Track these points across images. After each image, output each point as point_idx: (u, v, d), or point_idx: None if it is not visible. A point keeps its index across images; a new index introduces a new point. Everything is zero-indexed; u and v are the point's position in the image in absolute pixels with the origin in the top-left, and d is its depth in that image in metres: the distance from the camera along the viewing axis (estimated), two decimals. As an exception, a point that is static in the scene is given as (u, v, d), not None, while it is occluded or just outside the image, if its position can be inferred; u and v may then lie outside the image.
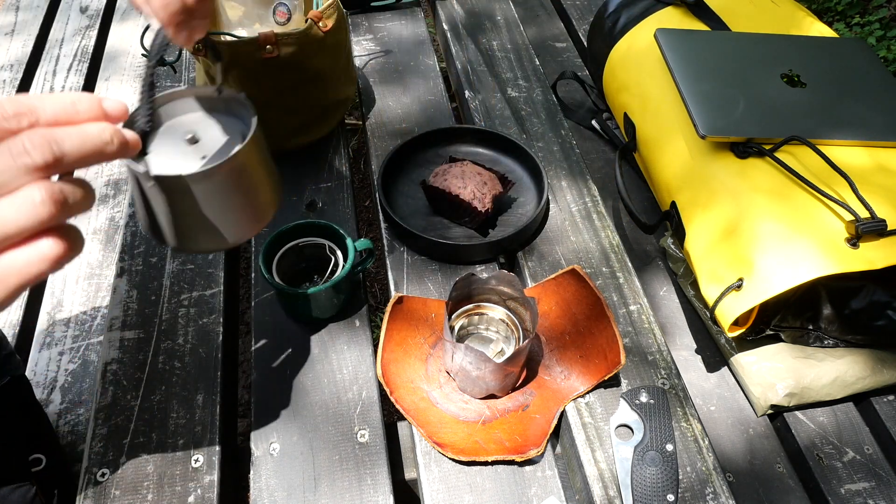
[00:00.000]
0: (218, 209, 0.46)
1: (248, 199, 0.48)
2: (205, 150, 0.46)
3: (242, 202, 0.47)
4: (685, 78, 0.74)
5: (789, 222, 0.62)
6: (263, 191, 0.49)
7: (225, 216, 0.47)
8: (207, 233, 0.47)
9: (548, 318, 0.68)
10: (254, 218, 0.49)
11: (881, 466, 0.63)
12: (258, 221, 0.49)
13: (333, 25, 0.77)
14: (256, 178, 0.48)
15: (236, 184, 0.46)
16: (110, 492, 0.57)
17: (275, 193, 0.51)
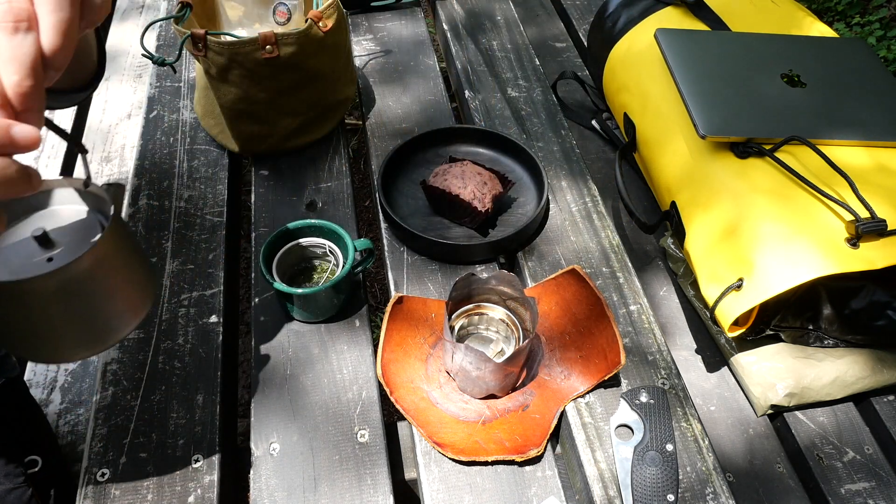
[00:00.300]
0: (58, 318, 0.41)
1: (96, 309, 0.42)
2: (54, 250, 0.42)
3: (87, 312, 0.42)
4: (685, 78, 0.74)
5: (789, 222, 0.62)
6: (121, 297, 0.44)
7: (66, 326, 0.42)
8: (55, 343, 0.42)
9: (548, 318, 0.68)
10: (104, 330, 0.43)
11: (881, 466, 0.63)
12: (111, 333, 0.44)
13: (333, 25, 0.77)
14: (110, 284, 0.43)
15: (80, 291, 0.41)
16: (110, 492, 0.57)
17: (138, 298, 0.45)
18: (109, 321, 0.44)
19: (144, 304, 0.46)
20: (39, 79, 0.32)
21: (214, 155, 0.86)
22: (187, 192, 0.81)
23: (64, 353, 0.44)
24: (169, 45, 1.05)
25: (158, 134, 0.89)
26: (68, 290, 0.41)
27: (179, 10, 0.75)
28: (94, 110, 1.10)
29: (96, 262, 0.41)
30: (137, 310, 0.46)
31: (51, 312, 0.41)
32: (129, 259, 0.44)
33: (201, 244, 0.76)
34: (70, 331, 0.43)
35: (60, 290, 0.40)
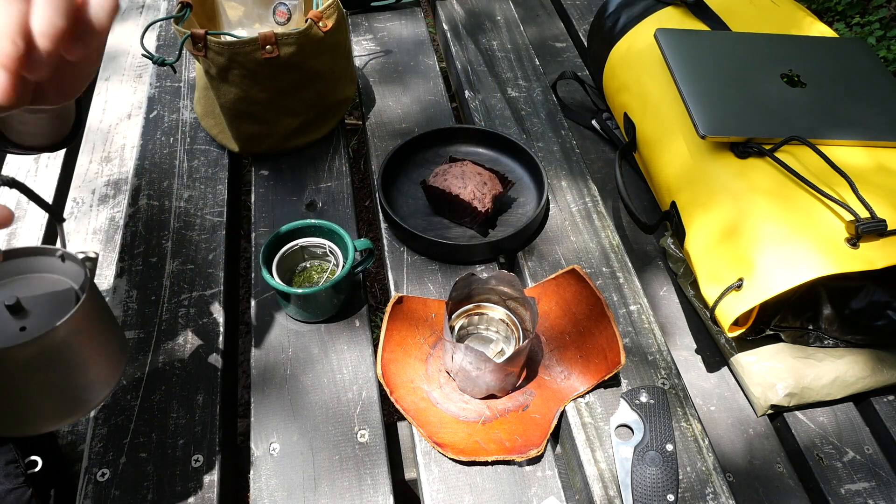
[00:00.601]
0: (27, 388, 0.40)
1: (68, 379, 0.41)
2: (27, 319, 0.41)
3: (59, 382, 0.41)
4: (685, 78, 0.74)
5: (789, 222, 0.62)
6: (93, 367, 0.43)
7: (36, 397, 0.41)
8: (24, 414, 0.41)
9: (548, 318, 0.68)
10: (74, 401, 0.42)
11: (881, 466, 0.63)
12: (81, 404, 0.43)
13: (333, 25, 0.77)
14: (82, 354, 0.42)
15: (53, 361, 0.40)
16: (110, 492, 0.57)
17: (110, 368, 0.44)
18: (81, 392, 0.43)
19: (115, 375, 0.45)
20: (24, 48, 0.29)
21: (214, 155, 0.86)
22: (187, 192, 0.81)
23: (31, 424, 0.42)
24: (169, 45, 1.05)
25: (158, 134, 0.89)
26: (41, 361, 0.40)
27: (179, 10, 0.75)
28: (94, 110, 1.10)
29: (70, 333, 0.40)
30: (109, 380, 0.45)
31: (20, 382, 0.40)
32: (103, 329, 0.44)
33: (201, 244, 0.76)
34: (39, 402, 0.42)
35: (32, 361, 0.39)
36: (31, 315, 0.41)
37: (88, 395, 0.43)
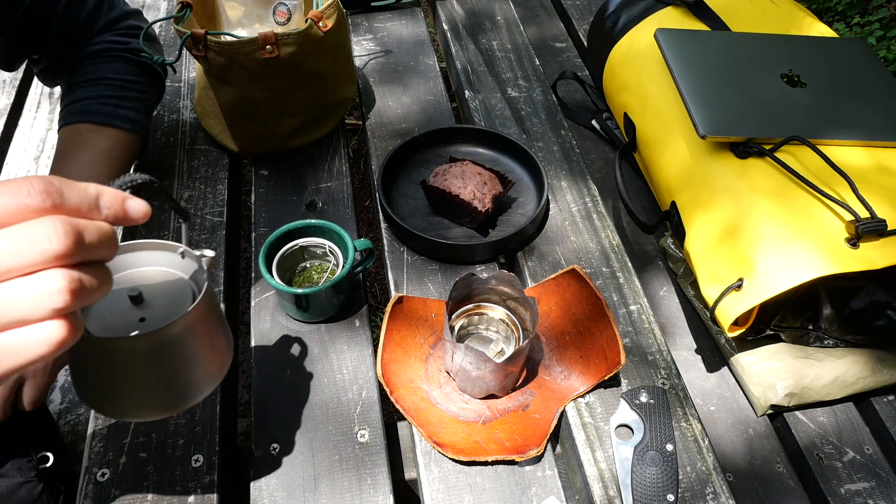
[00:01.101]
0: (140, 378, 0.42)
1: (178, 374, 0.43)
2: (146, 311, 0.43)
3: (170, 375, 0.43)
4: (685, 78, 0.74)
5: (789, 222, 0.62)
6: (202, 364, 0.45)
7: (154, 386, 0.43)
8: (133, 402, 0.43)
9: (548, 318, 0.68)
10: (180, 395, 0.45)
11: (881, 466, 0.63)
12: (186, 398, 0.45)
13: (333, 25, 0.77)
14: (194, 350, 0.44)
15: (167, 355, 0.42)
16: (110, 492, 0.57)
17: (216, 366, 0.47)
18: (187, 387, 0.45)
19: (220, 373, 0.47)
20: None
21: (214, 155, 0.86)
22: (187, 192, 0.81)
23: (138, 411, 0.44)
24: (169, 45, 1.05)
25: (158, 134, 0.89)
26: (156, 353, 0.42)
27: (179, 10, 0.75)
28: (94, 110, 1.10)
29: (187, 328, 0.42)
30: (214, 378, 0.47)
31: (135, 372, 0.42)
32: (214, 327, 0.46)
33: (201, 244, 0.76)
34: (148, 392, 0.43)
35: (149, 352, 0.41)
36: (150, 307, 0.43)
37: (193, 390, 0.45)
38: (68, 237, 0.30)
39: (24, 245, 0.30)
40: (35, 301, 0.30)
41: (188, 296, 0.44)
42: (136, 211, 0.35)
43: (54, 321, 0.31)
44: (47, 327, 0.31)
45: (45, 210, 0.31)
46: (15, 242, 0.30)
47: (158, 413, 0.45)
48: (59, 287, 0.30)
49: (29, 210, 0.30)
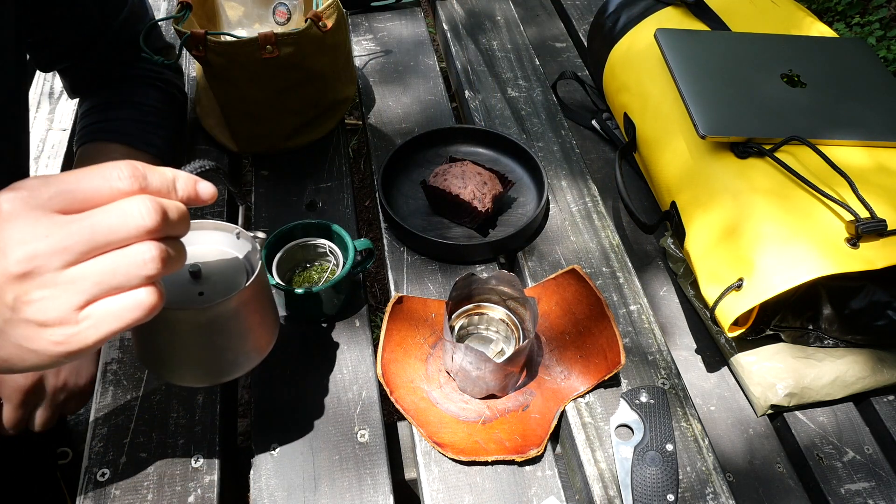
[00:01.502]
0: (197, 347, 0.46)
1: (230, 345, 0.47)
2: (204, 285, 0.46)
3: (223, 346, 0.47)
4: (685, 78, 0.74)
5: (789, 222, 0.62)
6: (252, 337, 0.49)
7: (208, 355, 0.47)
8: (188, 368, 0.47)
9: (548, 318, 0.68)
10: (230, 365, 0.48)
11: (881, 466, 0.63)
12: (234, 369, 0.49)
13: (333, 25, 0.77)
14: (246, 324, 0.47)
15: (223, 326, 0.46)
16: (110, 492, 0.57)
17: (265, 340, 0.50)
18: (237, 358, 0.48)
19: (266, 347, 0.51)
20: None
21: (214, 155, 0.86)
22: (187, 192, 0.81)
23: (191, 377, 0.49)
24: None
25: (158, 134, 0.88)
26: (214, 325, 0.45)
27: (179, 10, 0.75)
28: (94, 110, 1.10)
29: (241, 303, 0.46)
30: (261, 351, 0.50)
31: (193, 341, 0.46)
32: (265, 304, 0.49)
33: (201, 244, 0.76)
34: (202, 360, 0.47)
35: (207, 324, 0.45)
36: (208, 282, 0.46)
37: (243, 360, 0.49)
38: (157, 214, 0.35)
39: (121, 221, 0.34)
40: (132, 269, 0.34)
41: (242, 273, 0.48)
42: (206, 192, 0.39)
43: (146, 288, 0.35)
44: (141, 293, 0.35)
45: (133, 191, 0.35)
46: (112, 219, 0.34)
47: (209, 380, 0.49)
48: (152, 256, 0.34)
49: (119, 192, 0.35)
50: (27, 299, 0.34)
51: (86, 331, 0.35)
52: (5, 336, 0.35)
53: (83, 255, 0.34)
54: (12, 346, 0.35)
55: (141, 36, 0.73)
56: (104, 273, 0.34)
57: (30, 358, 0.36)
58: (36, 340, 0.35)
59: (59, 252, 0.33)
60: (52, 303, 0.34)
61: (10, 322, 0.35)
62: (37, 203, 0.34)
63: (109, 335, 0.35)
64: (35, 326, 0.34)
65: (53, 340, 0.35)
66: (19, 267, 0.33)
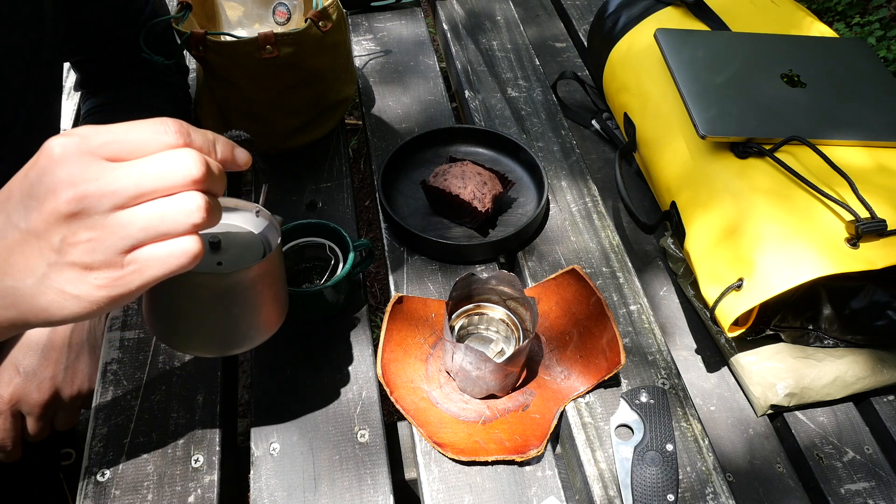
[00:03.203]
0: (211, 315, 0.47)
1: (243, 317, 0.48)
2: (223, 257, 0.47)
3: (237, 316, 0.48)
4: (685, 78, 0.74)
5: (789, 222, 0.62)
6: (265, 311, 0.49)
7: (221, 324, 0.47)
8: (199, 336, 0.48)
9: (548, 318, 0.68)
10: (240, 337, 0.49)
11: (881, 466, 0.63)
12: (244, 341, 0.49)
13: (333, 25, 0.77)
14: (261, 297, 0.48)
15: (239, 297, 0.47)
16: (110, 492, 0.57)
17: (275, 316, 0.51)
18: (248, 331, 0.49)
19: (276, 323, 0.51)
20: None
21: (214, 155, 0.86)
22: (187, 192, 0.81)
23: (200, 345, 0.49)
24: (169, 45, 1.05)
25: (158, 134, 0.88)
26: (232, 292, 0.46)
27: (179, 10, 0.75)
28: (94, 110, 1.10)
29: (260, 276, 0.47)
30: (271, 326, 0.51)
31: (209, 307, 0.47)
32: (278, 281, 0.50)
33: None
34: (215, 329, 0.48)
35: (225, 291, 0.46)
36: (226, 254, 0.47)
37: (254, 334, 0.49)
38: (203, 166, 0.36)
39: (169, 169, 0.35)
40: (179, 217, 0.35)
41: (260, 249, 0.49)
42: (241, 157, 0.41)
43: (191, 236, 0.36)
44: (186, 241, 0.36)
45: (179, 146, 0.37)
46: (161, 167, 0.35)
47: (218, 350, 0.49)
48: (199, 205, 0.36)
49: (166, 145, 0.36)
50: (74, 240, 0.34)
51: (130, 275, 0.35)
52: (48, 281, 0.36)
53: (132, 199, 0.35)
54: (54, 291, 0.36)
55: (141, 35, 0.73)
56: (152, 218, 0.35)
57: (70, 305, 0.36)
58: (79, 284, 0.35)
59: (108, 195, 0.34)
60: (99, 245, 0.34)
61: (55, 266, 0.35)
62: (88, 148, 0.35)
63: (152, 281, 0.36)
64: (80, 270, 0.35)
65: (97, 284, 0.35)
66: (69, 207, 0.34)
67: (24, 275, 0.36)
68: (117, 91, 0.79)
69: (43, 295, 0.36)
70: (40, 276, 0.36)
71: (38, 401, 0.63)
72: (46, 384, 0.63)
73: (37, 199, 0.34)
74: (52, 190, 0.34)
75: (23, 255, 0.35)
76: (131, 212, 0.35)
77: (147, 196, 0.35)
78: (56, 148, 0.34)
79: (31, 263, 0.36)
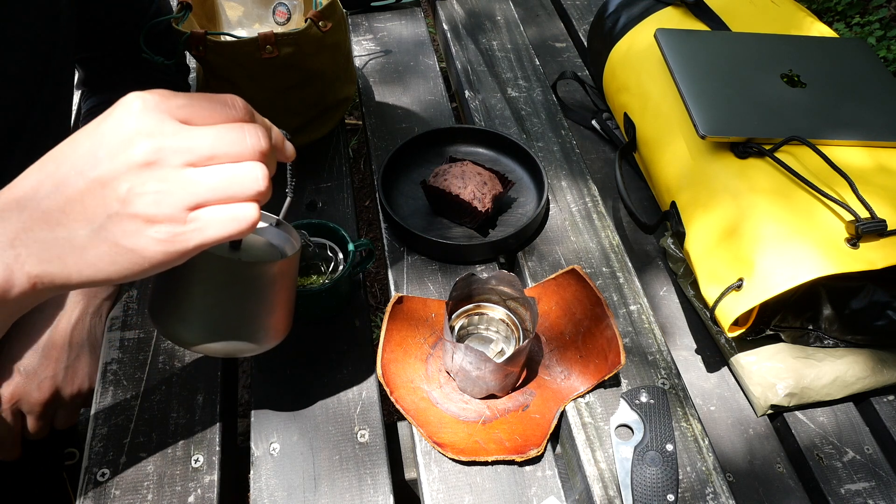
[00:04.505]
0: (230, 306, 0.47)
1: (253, 315, 0.48)
2: (241, 256, 0.48)
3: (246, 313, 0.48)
4: (685, 78, 0.74)
5: (789, 222, 0.62)
6: (276, 315, 0.50)
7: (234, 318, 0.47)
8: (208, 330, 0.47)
9: (548, 318, 0.68)
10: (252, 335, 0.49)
11: (881, 466, 0.63)
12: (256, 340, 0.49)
13: (333, 25, 0.77)
14: (277, 298, 0.49)
15: (258, 291, 0.47)
16: (110, 492, 0.57)
17: (284, 324, 0.51)
18: (258, 330, 0.49)
19: (283, 331, 0.51)
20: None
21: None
22: (187, 192, 0.81)
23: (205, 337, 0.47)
24: (169, 45, 1.05)
25: (158, 134, 0.88)
26: (251, 285, 0.47)
27: (179, 10, 0.75)
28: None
29: (277, 275, 0.47)
30: (278, 332, 0.51)
31: (223, 296, 0.46)
32: (291, 290, 0.51)
33: (201, 244, 0.76)
34: (225, 320, 0.47)
35: (245, 281, 0.46)
36: (245, 255, 0.48)
37: (262, 335, 0.49)
38: (268, 140, 0.38)
39: (241, 137, 0.37)
40: (246, 182, 0.37)
41: (277, 256, 0.50)
42: (289, 149, 0.44)
43: (251, 203, 0.37)
44: (248, 207, 0.37)
45: (245, 121, 0.39)
46: (234, 134, 0.37)
47: (224, 345, 0.48)
48: (264, 174, 0.38)
49: (235, 118, 0.38)
50: (142, 191, 0.35)
51: (191, 233, 0.36)
52: (104, 232, 0.36)
53: (204, 158, 0.36)
54: (108, 244, 0.36)
55: (140, 36, 0.73)
56: (222, 180, 0.36)
57: (121, 260, 0.36)
58: (138, 237, 0.36)
59: (183, 151, 0.35)
60: (166, 197, 0.35)
61: (116, 216, 0.35)
62: (166, 107, 0.36)
63: (210, 242, 0.37)
64: (141, 222, 0.35)
65: (157, 238, 0.36)
66: (144, 156, 0.35)
67: (79, 225, 0.36)
68: (118, 90, 0.79)
69: (95, 248, 0.36)
70: (97, 227, 0.36)
71: (38, 400, 0.63)
72: (47, 383, 0.63)
73: (110, 148, 0.35)
74: (129, 139, 0.35)
75: (82, 205, 0.35)
76: (202, 170, 0.36)
77: (218, 159, 0.36)
78: (137, 101, 0.35)
79: (90, 213, 0.35)
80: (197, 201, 0.36)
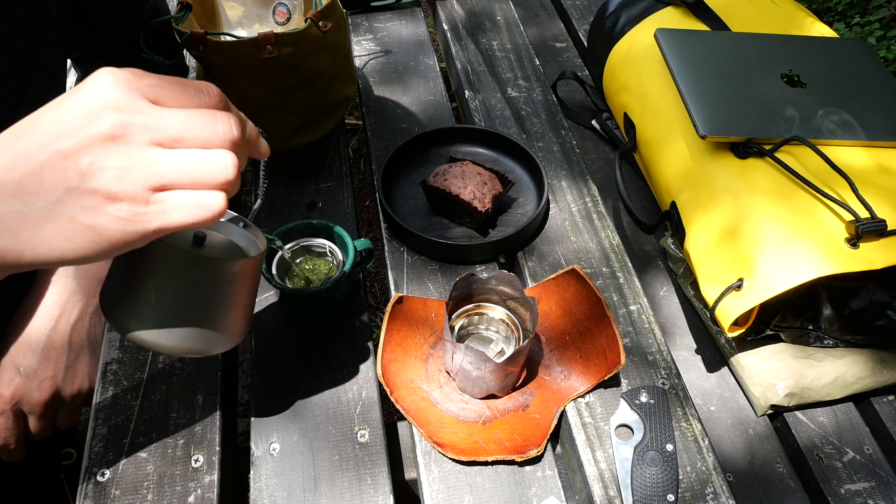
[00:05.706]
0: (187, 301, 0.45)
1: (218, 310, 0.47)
2: (205, 252, 0.47)
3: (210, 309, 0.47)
4: (685, 78, 0.74)
5: (789, 222, 0.62)
6: (234, 316, 0.48)
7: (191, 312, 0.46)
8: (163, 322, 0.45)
9: (548, 318, 0.68)
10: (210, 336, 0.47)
11: (881, 466, 0.63)
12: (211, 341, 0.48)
13: (333, 25, 0.77)
14: (235, 298, 0.48)
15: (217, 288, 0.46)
16: (110, 492, 0.57)
17: (240, 327, 0.50)
18: (214, 331, 0.48)
19: (239, 336, 0.51)
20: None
21: (214, 155, 0.86)
22: (187, 192, 0.81)
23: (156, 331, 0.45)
24: (169, 45, 1.04)
25: (158, 134, 0.88)
26: (210, 280, 0.46)
27: (179, 10, 0.75)
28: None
29: (240, 274, 0.47)
30: (232, 336, 0.50)
31: (184, 290, 0.45)
32: (252, 293, 0.50)
33: (201, 244, 0.76)
34: (183, 317, 0.46)
35: (204, 276, 0.45)
36: (208, 251, 0.48)
37: (215, 337, 0.48)
38: (240, 130, 0.38)
39: (212, 123, 0.36)
40: (214, 169, 0.36)
41: (240, 256, 0.49)
42: (263, 147, 0.43)
43: (218, 192, 0.36)
44: (214, 196, 0.36)
45: (218, 107, 0.38)
46: (204, 119, 0.36)
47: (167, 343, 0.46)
48: (233, 163, 0.36)
49: (206, 105, 0.37)
50: (104, 165, 0.34)
51: (153, 214, 0.35)
52: (61, 207, 0.34)
53: (171, 140, 0.35)
54: (64, 219, 0.34)
55: (141, 36, 0.73)
56: (189, 163, 0.35)
57: (76, 238, 0.35)
58: (97, 214, 0.34)
59: (152, 129, 0.34)
60: (129, 174, 0.34)
61: (74, 191, 0.34)
62: (137, 85, 0.35)
63: (172, 227, 0.35)
64: (101, 198, 0.34)
65: (117, 216, 0.34)
66: (110, 130, 0.33)
67: (36, 198, 0.34)
68: None
69: (50, 223, 0.34)
70: (54, 201, 0.34)
71: (39, 400, 0.63)
72: (47, 383, 0.63)
73: (74, 120, 0.34)
74: (95, 112, 0.34)
75: (41, 177, 0.34)
76: (169, 152, 0.35)
77: (186, 142, 0.35)
78: (107, 76, 0.34)
79: (48, 185, 0.34)
80: (161, 182, 0.34)
